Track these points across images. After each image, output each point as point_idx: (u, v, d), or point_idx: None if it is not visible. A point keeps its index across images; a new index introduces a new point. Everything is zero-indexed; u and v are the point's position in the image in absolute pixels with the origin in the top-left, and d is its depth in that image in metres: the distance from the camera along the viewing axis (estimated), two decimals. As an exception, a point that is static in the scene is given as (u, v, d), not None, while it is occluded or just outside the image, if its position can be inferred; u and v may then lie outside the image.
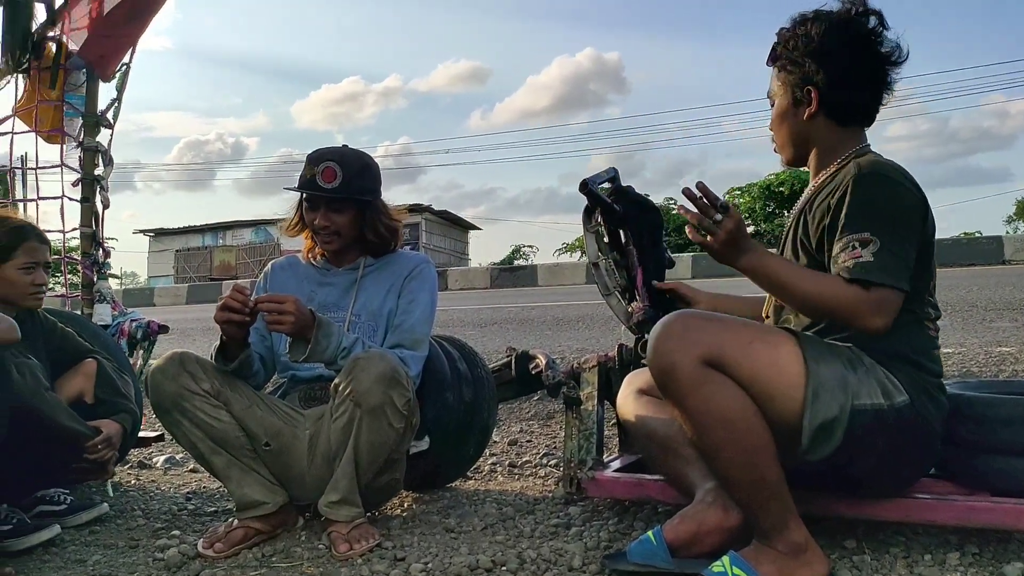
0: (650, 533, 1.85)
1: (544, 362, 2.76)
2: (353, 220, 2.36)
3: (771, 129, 1.99)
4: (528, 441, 3.47)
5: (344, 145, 2.42)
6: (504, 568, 1.93)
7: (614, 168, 2.32)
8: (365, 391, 2.07)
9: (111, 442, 2.41)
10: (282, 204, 2.51)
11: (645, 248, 2.22)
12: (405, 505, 2.54)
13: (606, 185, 2.26)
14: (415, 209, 32.45)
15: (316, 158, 2.32)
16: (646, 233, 2.24)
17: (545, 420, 3.83)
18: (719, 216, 1.72)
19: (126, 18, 3.39)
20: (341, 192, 2.31)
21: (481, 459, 2.97)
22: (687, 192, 1.75)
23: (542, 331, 6.53)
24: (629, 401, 2.15)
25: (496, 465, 3.06)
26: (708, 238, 1.74)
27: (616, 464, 2.35)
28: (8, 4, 3.40)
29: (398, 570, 1.95)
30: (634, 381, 2.19)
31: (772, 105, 1.97)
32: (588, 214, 2.25)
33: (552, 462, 3.04)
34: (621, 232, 2.28)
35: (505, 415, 3.86)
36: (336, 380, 2.16)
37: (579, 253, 31.63)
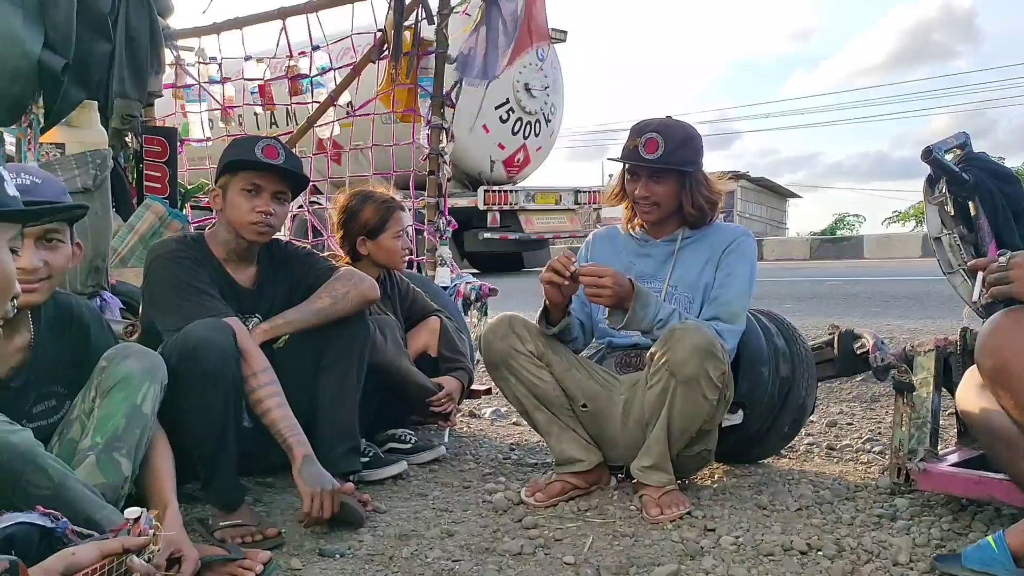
0: (990, 538, 1.69)
1: (871, 343, 2.57)
2: (673, 191, 2.38)
3: None
4: (848, 424, 3.27)
5: (668, 116, 2.43)
6: (820, 553, 1.87)
7: (964, 133, 2.11)
8: (681, 361, 2.10)
9: (452, 397, 2.77)
10: (592, 174, 2.61)
11: (999, 222, 1.99)
12: (715, 477, 2.54)
13: (955, 151, 2.06)
14: (730, 176, 31.46)
15: (640, 129, 2.36)
16: (1001, 205, 2.01)
17: (868, 403, 3.58)
18: (1003, 260, 1.60)
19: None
20: (662, 162, 2.33)
21: (796, 438, 2.86)
22: (972, 268, 1.78)
23: (868, 308, 6.07)
24: (971, 394, 1.95)
25: (812, 446, 2.94)
26: (1011, 285, 1.59)
27: (953, 458, 2.16)
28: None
29: (708, 540, 1.97)
30: (977, 374, 1.99)
31: None
32: (931, 184, 2.08)
33: (876, 449, 2.84)
34: (970, 204, 2.06)
35: (824, 395, 3.66)
36: (652, 349, 2.21)
37: (912, 223, 28.68)
